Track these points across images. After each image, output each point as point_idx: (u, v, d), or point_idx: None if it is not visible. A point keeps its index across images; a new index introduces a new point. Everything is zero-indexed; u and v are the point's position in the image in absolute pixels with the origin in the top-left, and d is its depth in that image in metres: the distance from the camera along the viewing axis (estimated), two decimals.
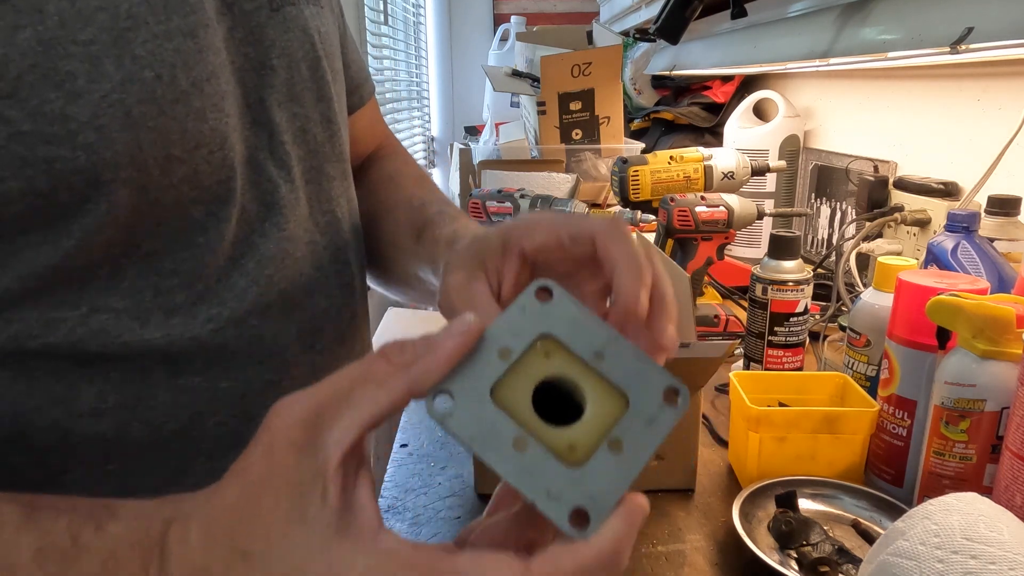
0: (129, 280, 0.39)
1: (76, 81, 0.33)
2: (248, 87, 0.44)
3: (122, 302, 0.39)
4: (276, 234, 0.45)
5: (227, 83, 0.41)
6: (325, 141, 0.50)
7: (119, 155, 0.35)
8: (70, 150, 0.34)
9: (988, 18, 0.68)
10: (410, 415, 0.87)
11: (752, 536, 0.58)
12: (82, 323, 0.38)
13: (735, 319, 1.06)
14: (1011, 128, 0.88)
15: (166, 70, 0.37)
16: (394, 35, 2.44)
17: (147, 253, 0.39)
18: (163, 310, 0.40)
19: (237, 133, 0.42)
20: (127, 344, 0.39)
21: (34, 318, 0.37)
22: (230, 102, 0.42)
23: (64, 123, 0.33)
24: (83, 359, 0.38)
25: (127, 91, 0.35)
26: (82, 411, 0.39)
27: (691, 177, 1.20)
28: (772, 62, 1.19)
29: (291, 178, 0.47)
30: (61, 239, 0.35)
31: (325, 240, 0.50)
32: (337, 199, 0.52)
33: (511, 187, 1.33)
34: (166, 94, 0.37)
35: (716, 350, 0.62)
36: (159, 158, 0.37)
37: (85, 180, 0.35)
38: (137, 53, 0.35)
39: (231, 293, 0.43)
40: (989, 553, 0.41)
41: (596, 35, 1.95)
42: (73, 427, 0.39)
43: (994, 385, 0.55)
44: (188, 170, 0.39)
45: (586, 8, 2.94)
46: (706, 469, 0.73)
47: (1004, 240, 0.83)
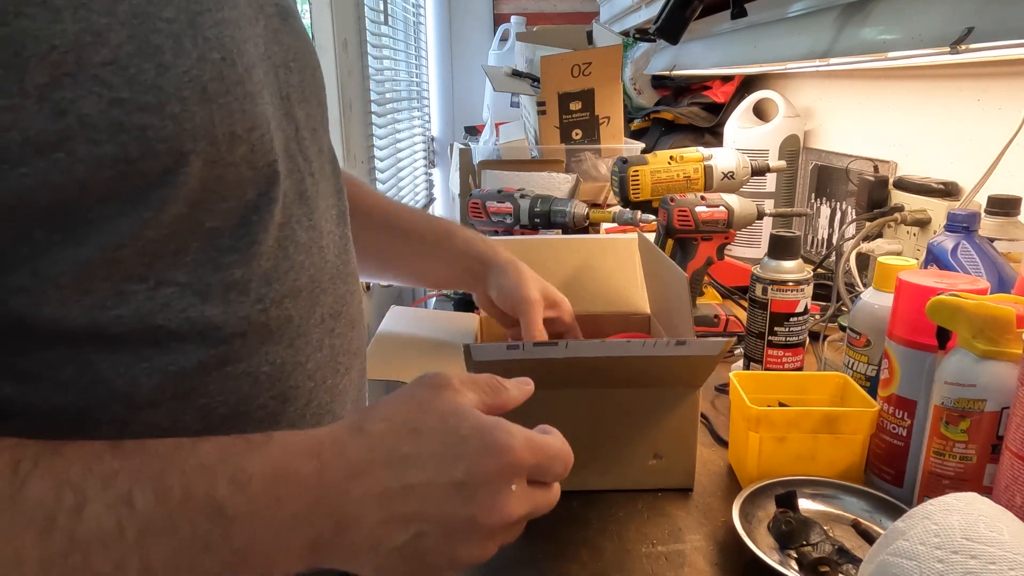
0: (192, 255, 0.40)
1: (164, 55, 0.36)
2: (281, 82, 0.47)
3: (186, 276, 0.40)
4: (307, 222, 0.48)
5: (265, 75, 0.44)
6: (326, 142, 0.54)
7: (197, 128, 0.37)
8: (159, 119, 0.36)
9: (988, 18, 0.68)
10: None
11: (752, 536, 0.58)
12: (150, 296, 0.39)
13: (735, 319, 1.06)
14: (1011, 128, 0.88)
15: (228, 54, 0.39)
16: (394, 35, 2.44)
17: (209, 229, 0.41)
18: (222, 286, 0.41)
19: (276, 122, 0.45)
20: (190, 320, 0.40)
21: (108, 289, 0.38)
22: (269, 92, 0.44)
23: (156, 93, 0.35)
24: (144, 347, 0.39)
25: (202, 68, 0.38)
26: (141, 403, 0.40)
27: (691, 177, 1.20)
28: (772, 62, 1.19)
29: (312, 171, 0.50)
30: (140, 210, 0.37)
31: (339, 231, 0.53)
32: (339, 194, 0.55)
33: (511, 187, 1.33)
34: (230, 75, 0.39)
35: (713, 347, 0.62)
36: (226, 134, 0.39)
37: (169, 149, 0.37)
38: (207, 35, 0.38)
39: (276, 274, 0.45)
40: (989, 553, 0.41)
41: (596, 35, 1.95)
42: (132, 420, 0.40)
43: (994, 385, 0.55)
44: (246, 149, 0.41)
45: (586, 8, 2.94)
46: (706, 469, 0.73)
47: (1004, 240, 0.83)
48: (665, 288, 0.81)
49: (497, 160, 1.74)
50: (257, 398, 0.45)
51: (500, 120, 2.34)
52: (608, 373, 0.64)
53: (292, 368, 0.47)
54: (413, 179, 2.63)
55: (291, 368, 0.46)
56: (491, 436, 0.39)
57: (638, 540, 0.62)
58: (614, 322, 0.91)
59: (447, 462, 0.39)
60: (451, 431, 0.40)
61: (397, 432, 0.40)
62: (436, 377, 0.43)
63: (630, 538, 0.62)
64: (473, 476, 0.38)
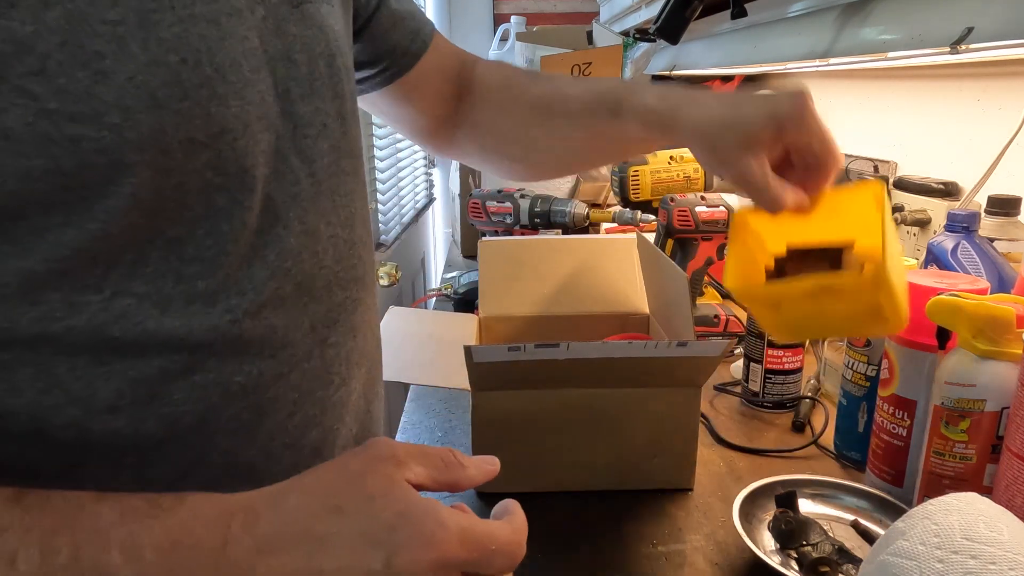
0: (152, 265, 0.39)
1: (103, 61, 0.34)
2: (278, 77, 0.45)
3: (144, 287, 0.39)
4: (298, 227, 0.46)
5: (254, 72, 0.42)
6: (341, 137, 0.51)
7: (143, 137, 0.35)
8: (95, 130, 0.34)
9: (988, 18, 0.68)
10: (410, 415, 0.87)
11: (752, 536, 0.58)
12: (105, 307, 0.38)
13: (735, 319, 1.06)
14: (1011, 128, 0.88)
15: (191, 54, 0.37)
16: None
17: (171, 239, 0.39)
18: (184, 298, 0.40)
19: (264, 121, 0.43)
20: (147, 331, 0.39)
21: (58, 300, 0.37)
22: (256, 91, 0.42)
23: (90, 102, 0.34)
24: (103, 351, 0.38)
25: (152, 73, 0.35)
26: (99, 408, 0.39)
27: (691, 177, 1.20)
28: (772, 62, 1.19)
29: (313, 171, 0.47)
30: (85, 221, 0.35)
31: (345, 234, 0.51)
32: (351, 194, 0.53)
33: (511, 187, 1.33)
34: (191, 78, 0.37)
35: (714, 348, 0.62)
36: (183, 141, 0.37)
37: (109, 161, 0.35)
38: (163, 36, 0.36)
39: (251, 284, 0.43)
40: (989, 553, 0.41)
41: (596, 35, 1.95)
42: (90, 424, 0.39)
43: (994, 385, 0.55)
44: (212, 155, 0.39)
45: (586, 8, 2.94)
46: (706, 469, 0.73)
47: (1004, 240, 0.83)
48: (665, 288, 0.81)
49: None
50: (228, 408, 0.43)
51: None
52: (608, 374, 0.64)
53: (272, 380, 0.45)
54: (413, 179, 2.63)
55: (270, 380, 0.45)
56: (420, 525, 0.35)
57: (638, 540, 0.62)
58: (613, 322, 0.91)
59: (365, 549, 0.35)
60: (376, 514, 0.36)
61: (316, 509, 0.36)
62: (380, 446, 0.39)
63: (630, 538, 0.62)
64: (392, 568, 0.35)
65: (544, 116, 0.69)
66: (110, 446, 0.40)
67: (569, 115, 0.67)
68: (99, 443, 0.39)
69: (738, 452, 0.77)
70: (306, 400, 0.48)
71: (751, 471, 0.73)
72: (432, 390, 0.91)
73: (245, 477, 0.45)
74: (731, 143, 0.54)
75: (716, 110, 0.55)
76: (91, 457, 0.40)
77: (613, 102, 0.62)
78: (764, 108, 0.53)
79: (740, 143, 0.53)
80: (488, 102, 0.73)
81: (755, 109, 0.53)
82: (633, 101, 0.61)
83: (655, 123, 0.60)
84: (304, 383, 0.47)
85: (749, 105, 0.54)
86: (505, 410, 0.66)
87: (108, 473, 0.40)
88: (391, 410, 1.83)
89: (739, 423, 0.84)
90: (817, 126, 0.53)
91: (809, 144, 0.53)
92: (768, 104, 0.53)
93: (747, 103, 0.54)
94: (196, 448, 0.43)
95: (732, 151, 0.54)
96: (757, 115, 0.53)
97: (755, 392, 0.87)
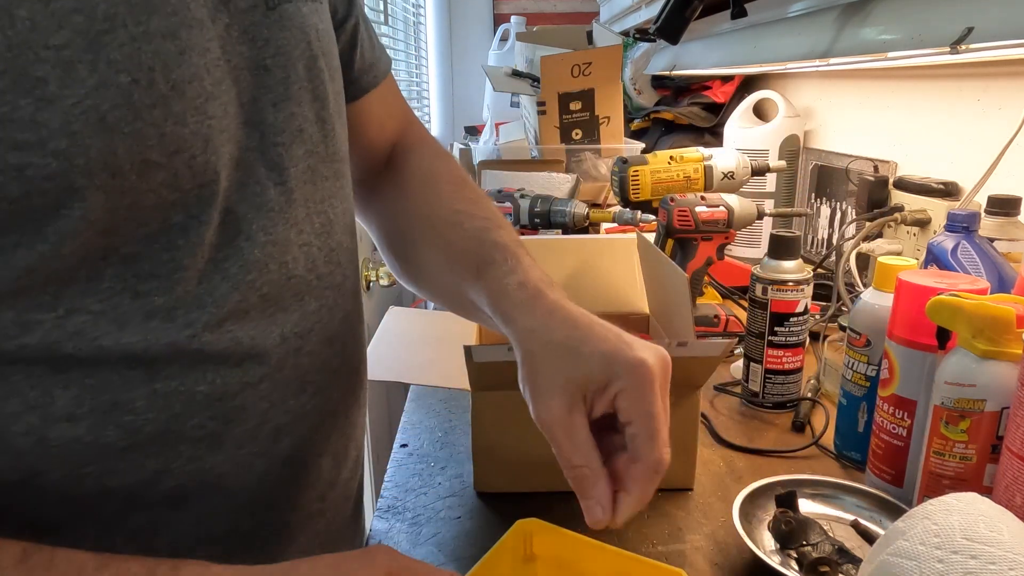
0: (107, 282, 0.38)
1: (47, 87, 0.33)
2: (242, 86, 0.43)
3: (100, 304, 0.38)
4: (263, 238, 0.44)
5: (216, 84, 0.41)
6: (320, 141, 0.50)
7: (93, 161, 0.35)
8: (41, 156, 0.33)
9: (988, 18, 0.68)
10: (410, 415, 0.87)
11: (752, 536, 0.58)
12: (58, 325, 0.37)
13: (735, 319, 1.06)
14: (1011, 128, 0.88)
15: (143, 74, 0.36)
16: (394, 35, 2.44)
17: (125, 256, 0.39)
18: (142, 313, 0.40)
19: (227, 134, 0.42)
20: (104, 348, 0.39)
21: (10, 319, 0.37)
22: (219, 103, 0.41)
23: (35, 130, 0.33)
24: (59, 363, 0.38)
25: (101, 96, 0.34)
26: (58, 416, 0.39)
27: (691, 177, 1.20)
28: (772, 62, 1.19)
29: (284, 180, 0.46)
30: (36, 243, 0.35)
31: (319, 242, 0.49)
32: (331, 200, 0.51)
33: (511, 187, 1.33)
34: (143, 98, 0.36)
35: (714, 349, 0.62)
36: (136, 163, 0.37)
37: (58, 186, 0.34)
38: (112, 57, 0.35)
39: (211, 297, 0.42)
40: (989, 553, 0.41)
41: (596, 35, 1.95)
42: (48, 432, 0.39)
43: (994, 385, 0.55)
44: (167, 175, 0.38)
45: (586, 8, 2.94)
46: (706, 469, 0.73)
47: (1004, 240, 0.83)
48: (665, 288, 0.81)
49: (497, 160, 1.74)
50: (192, 418, 0.43)
51: (500, 120, 2.34)
52: None
53: (238, 389, 0.44)
54: None
55: (237, 389, 0.44)
56: None
57: (638, 540, 0.62)
58: (613, 322, 0.91)
59: None
60: None
61: None
62: (380, 554, 0.40)
63: (630, 538, 0.62)
64: None
65: (434, 242, 0.59)
66: (70, 455, 0.39)
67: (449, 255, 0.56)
68: (59, 451, 0.39)
69: (738, 452, 0.77)
70: (277, 409, 0.47)
71: (751, 471, 0.73)
72: (432, 390, 0.91)
73: (213, 486, 0.45)
74: (554, 379, 0.44)
75: (557, 333, 0.46)
76: (51, 464, 0.39)
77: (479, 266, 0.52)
78: (602, 363, 0.44)
79: (562, 386, 0.44)
80: (405, 193, 0.63)
81: (595, 360, 0.44)
82: (496, 273, 0.51)
83: (497, 311, 0.50)
84: (275, 392, 0.47)
85: (592, 352, 0.44)
86: (505, 410, 0.66)
87: (70, 483, 0.40)
88: (391, 410, 1.83)
89: (739, 423, 0.84)
90: (648, 410, 0.43)
91: (634, 433, 0.44)
92: (609, 363, 0.44)
93: (591, 350, 0.44)
94: (160, 456, 0.42)
95: (552, 388, 0.44)
96: (592, 366, 0.44)
97: (755, 392, 0.87)
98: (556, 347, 0.45)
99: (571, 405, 0.44)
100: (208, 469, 0.44)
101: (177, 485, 0.43)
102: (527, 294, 0.48)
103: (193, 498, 0.44)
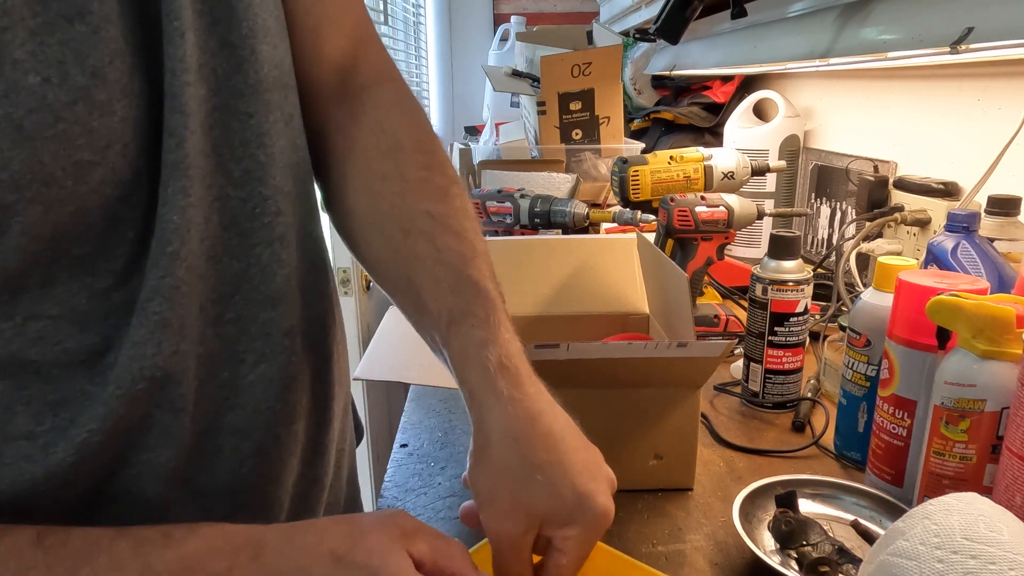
0: (62, 286, 0.37)
1: None
2: (144, 22, 0.37)
3: (57, 308, 0.37)
4: (181, 201, 0.39)
5: (136, 52, 0.36)
6: (231, 72, 0.41)
7: (18, 174, 0.32)
8: None
9: (988, 18, 0.68)
10: (410, 415, 0.87)
11: (752, 536, 0.58)
12: (19, 332, 0.36)
13: (735, 319, 1.06)
14: (1011, 128, 0.88)
15: (53, 69, 0.32)
16: (394, 35, 2.44)
17: (78, 257, 0.37)
18: (101, 313, 0.38)
19: (133, 93, 0.37)
20: (68, 351, 0.38)
21: None
22: (143, 77, 0.37)
23: None
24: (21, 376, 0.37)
25: (13, 103, 0.31)
26: (17, 435, 0.37)
27: (691, 177, 1.20)
28: (772, 62, 1.19)
29: (194, 128, 0.39)
30: None
31: (242, 193, 0.43)
32: (258, 140, 0.43)
33: (511, 187, 1.33)
34: (59, 97, 0.33)
35: (714, 349, 0.62)
36: (67, 167, 0.34)
37: None
38: (17, 57, 0.31)
39: (145, 276, 0.39)
40: (989, 553, 0.41)
41: (596, 35, 1.95)
42: (3, 450, 0.37)
43: (994, 385, 0.55)
44: (105, 171, 0.36)
45: (586, 8, 2.94)
46: (706, 469, 0.73)
47: (1004, 240, 0.83)
48: (665, 288, 0.81)
49: (497, 160, 1.74)
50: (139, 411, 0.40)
51: (500, 120, 2.34)
52: (609, 374, 0.64)
53: (176, 371, 0.41)
54: None
55: (175, 371, 0.41)
56: None
57: (638, 540, 0.62)
58: (613, 322, 0.91)
59: None
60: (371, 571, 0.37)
61: (319, 552, 0.38)
62: (397, 515, 0.40)
63: (630, 538, 0.62)
64: None
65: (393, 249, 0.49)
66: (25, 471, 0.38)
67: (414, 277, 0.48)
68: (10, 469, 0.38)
69: (738, 452, 0.77)
70: (209, 384, 0.43)
71: (751, 471, 0.73)
72: (432, 390, 0.91)
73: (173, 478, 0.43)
74: (518, 500, 0.42)
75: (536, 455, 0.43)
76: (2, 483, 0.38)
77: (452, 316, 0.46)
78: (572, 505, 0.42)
79: (524, 511, 0.42)
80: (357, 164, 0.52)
81: (567, 499, 0.42)
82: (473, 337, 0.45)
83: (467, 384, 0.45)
84: (201, 367, 0.43)
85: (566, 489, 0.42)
86: None
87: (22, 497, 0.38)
88: (391, 410, 1.83)
89: (739, 423, 0.84)
90: (585, 554, 0.44)
91: (562, 564, 0.43)
92: (579, 507, 0.42)
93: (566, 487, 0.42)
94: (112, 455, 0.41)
95: (514, 510, 0.43)
96: (561, 505, 0.42)
97: (755, 392, 0.87)
98: (532, 470, 0.42)
99: (528, 529, 0.43)
100: (161, 463, 0.42)
101: (134, 476, 0.42)
102: (508, 380, 0.43)
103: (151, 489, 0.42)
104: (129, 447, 0.41)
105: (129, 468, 0.41)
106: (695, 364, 0.64)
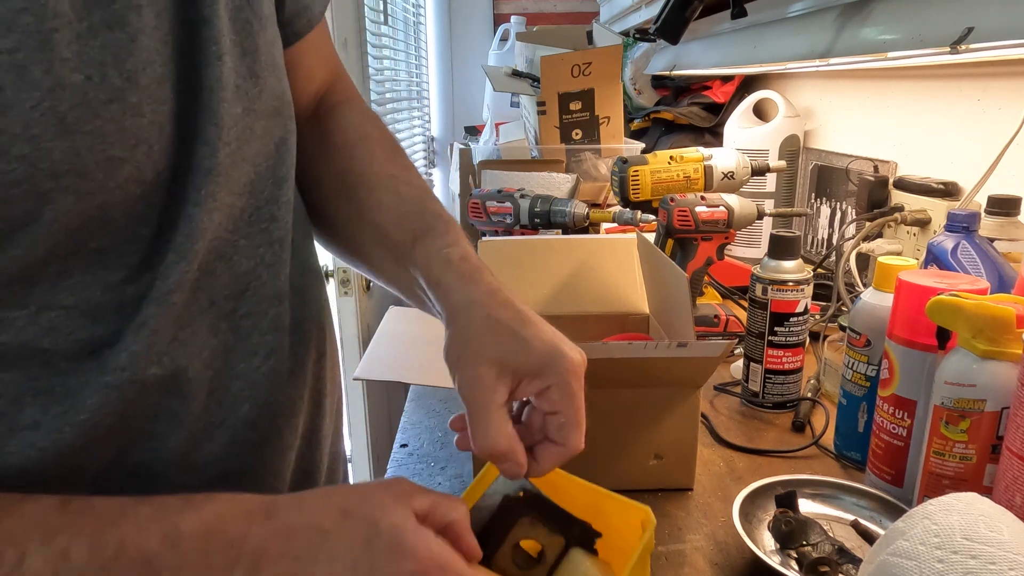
0: (77, 277, 0.38)
1: (3, 92, 0.33)
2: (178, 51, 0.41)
3: (72, 298, 0.38)
4: (211, 204, 0.43)
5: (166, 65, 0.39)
6: (255, 97, 0.47)
7: (57, 164, 0.35)
8: (5, 163, 0.33)
9: (988, 18, 0.68)
10: (410, 415, 0.87)
11: (752, 536, 0.58)
12: (32, 322, 0.37)
13: (735, 319, 1.06)
14: (1011, 128, 0.88)
15: (95, 69, 0.35)
16: (394, 35, 2.44)
17: (94, 250, 0.39)
18: (114, 306, 0.40)
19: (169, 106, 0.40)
20: (79, 342, 0.39)
21: None
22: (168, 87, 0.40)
23: None
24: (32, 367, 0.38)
25: (58, 97, 0.34)
26: (24, 426, 0.38)
27: (691, 177, 1.20)
28: (772, 62, 1.19)
29: (228, 140, 0.44)
30: (7, 248, 0.35)
31: (242, 202, 0.47)
32: (256, 157, 0.48)
33: (511, 187, 1.33)
34: (99, 94, 0.36)
35: (714, 349, 0.62)
36: (100, 161, 0.36)
37: (24, 192, 0.34)
38: (65, 55, 0.34)
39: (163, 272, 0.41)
40: (989, 553, 0.41)
41: (596, 35, 1.95)
42: (9, 440, 0.38)
43: (994, 385, 0.55)
44: (131, 168, 0.38)
45: (586, 8, 2.94)
46: (706, 469, 0.73)
47: (1004, 240, 0.83)
48: (665, 288, 0.81)
49: (497, 160, 1.74)
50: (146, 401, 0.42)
51: (500, 120, 2.34)
52: (609, 374, 0.64)
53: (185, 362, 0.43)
54: None
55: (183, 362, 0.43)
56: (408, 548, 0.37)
57: None
58: (613, 322, 0.91)
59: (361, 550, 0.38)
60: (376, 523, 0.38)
61: (328, 509, 0.39)
62: (399, 480, 0.41)
63: None
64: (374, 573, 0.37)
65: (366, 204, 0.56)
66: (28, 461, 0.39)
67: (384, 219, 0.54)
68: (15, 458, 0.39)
69: (738, 452, 0.77)
70: (225, 374, 0.46)
71: (751, 471, 0.73)
72: (432, 390, 0.91)
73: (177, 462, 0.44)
74: (489, 353, 0.44)
75: (501, 312, 0.45)
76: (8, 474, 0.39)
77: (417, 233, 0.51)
78: (543, 353, 0.44)
79: (496, 360, 0.44)
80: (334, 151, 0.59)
81: (536, 348, 0.44)
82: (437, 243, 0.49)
83: (432, 281, 0.48)
84: (217, 359, 0.46)
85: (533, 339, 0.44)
86: None
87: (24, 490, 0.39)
88: (391, 410, 1.83)
89: (739, 423, 0.84)
90: (578, 404, 0.45)
91: (563, 422, 0.45)
92: (550, 355, 0.44)
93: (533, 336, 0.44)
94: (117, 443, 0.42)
95: (485, 359, 0.44)
96: (531, 354, 0.44)
97: (755, 392, 0.87)
98: (497, 324, 0.44)
99: (499, 377, 0.43)
100: (171, 448, 0.44)
101: (132, 475, 0.43)
102: (469, 267, 0.48)
103: (157, 474, 0.44)
104: (136, 432, 0.43)
105: (134, 454, 0.43)
106: (695, 364, 0.64)
